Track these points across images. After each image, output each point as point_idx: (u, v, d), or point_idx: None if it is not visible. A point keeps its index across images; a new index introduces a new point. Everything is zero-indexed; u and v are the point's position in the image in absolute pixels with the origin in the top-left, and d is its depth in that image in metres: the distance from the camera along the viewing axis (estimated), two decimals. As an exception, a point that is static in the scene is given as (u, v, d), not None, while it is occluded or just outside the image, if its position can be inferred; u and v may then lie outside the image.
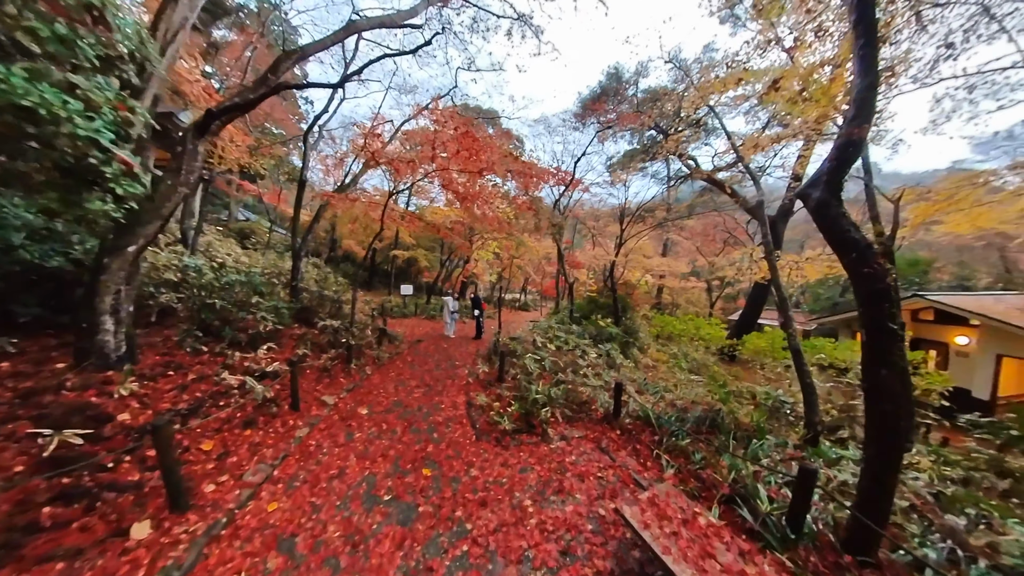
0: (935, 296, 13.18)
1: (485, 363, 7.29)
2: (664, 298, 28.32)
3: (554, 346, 6.89)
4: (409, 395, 5.71)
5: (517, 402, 4.90)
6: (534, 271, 27.61)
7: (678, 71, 15.32)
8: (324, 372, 6.27)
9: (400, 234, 20.44)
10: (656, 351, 12.27)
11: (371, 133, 7.63)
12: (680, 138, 15.91)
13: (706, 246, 26.06)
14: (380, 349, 7.95)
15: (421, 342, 9.87)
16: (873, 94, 2.88)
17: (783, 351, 14.63)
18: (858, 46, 2.94)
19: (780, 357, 13.92)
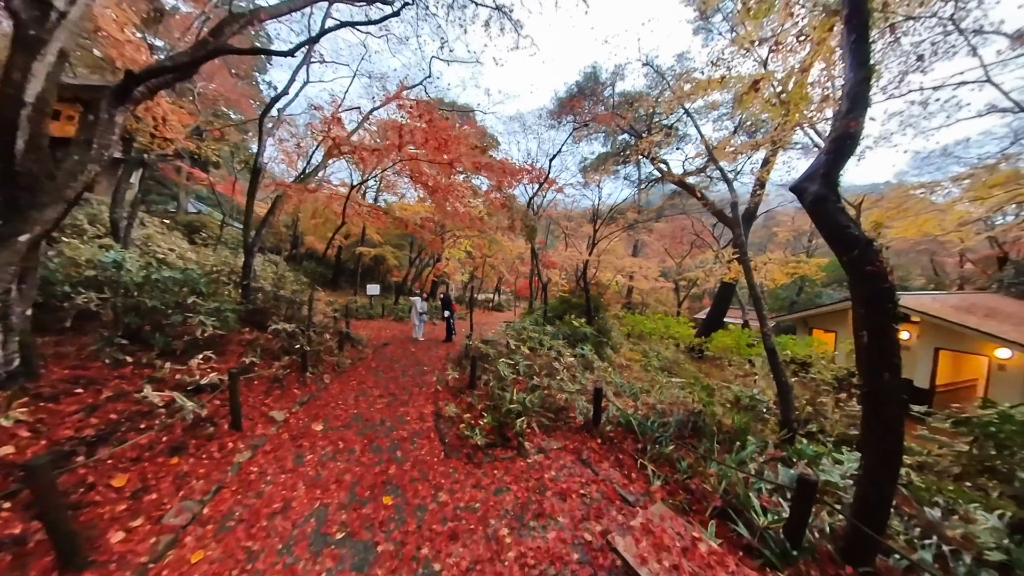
0: None
1: (455, 368, 6.85)
2: (634, 298, 28.87)
3: (528, 348, 6.57)
4: (371, 406, 5.20)
5: (490, 413, 4.53)
6: (507, 271, 27.32)
7: (654, 76, 15.52)
8: (275, 383, 5.62)
9: (367, 231, 19.49)
10: (629, 350, 12.29)
11: (333, 118, 6.99)
12: (653, 141, 16.17)
13: (674, 248, 26.85)
14: (341, 355, 7.32)
15: (387, 346, 9.28)
16: (866, 88, 2.78)
17: (748, 348, 15.16)
18: (850, 41, 2.84)
19: (745, 354, 14.42)
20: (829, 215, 2.66)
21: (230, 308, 6.16)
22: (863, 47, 2.80)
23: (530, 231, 11.25)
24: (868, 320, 2.52)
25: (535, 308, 18.78)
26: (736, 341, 15.92)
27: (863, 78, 2.75)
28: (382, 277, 24.20)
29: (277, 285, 9.89)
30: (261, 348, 6.56)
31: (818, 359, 11.39)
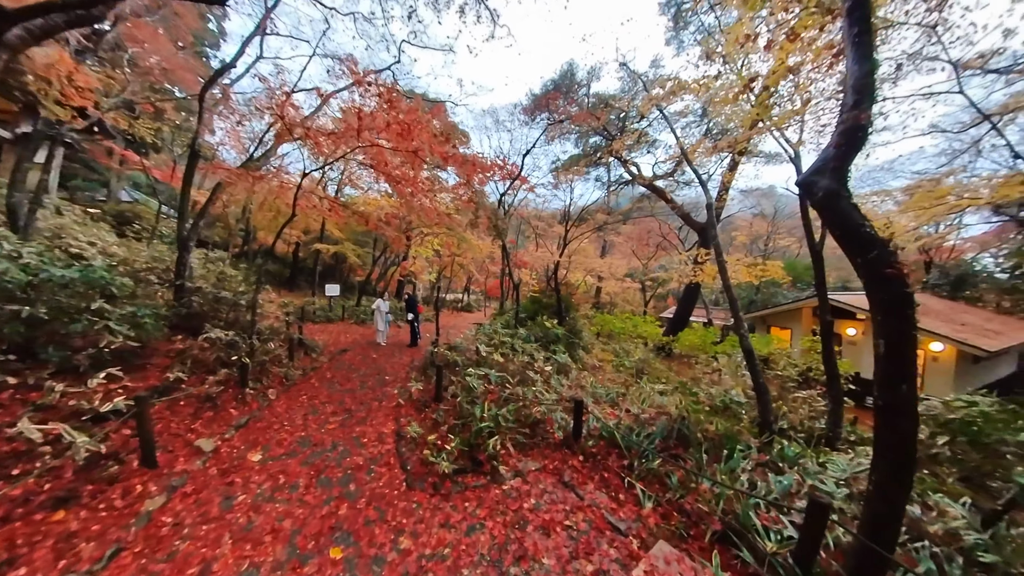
0: (832, 295, 15.35)
1: (420, 377, 6.28)
2: (602, 298, 29.24)
3: (499, 355, 6.12)
4: (322, 427, 4.54)
5: (458, 433, 4.04)
6: (477, 270, 26.73)
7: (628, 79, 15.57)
8: (206, 402, 4.82)
9: (327, 226, 18.21)
10: (601, 351, 12.15)
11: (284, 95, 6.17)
12: (624, 144, 16.25)
13: (640, 249, 27.46)
14: (291, 364, 6.53)
15: (346, 352, 8.50)
16: (872, 80, 2.60)
17: (713, 346, 15.57)
18: (852, 34, 2.69)
19: (711, 352, 14.80)
20: (843, 212, 2.43)
21: (150, 313, 5.24)
22: (867, 39, 2.66)
23: (499, 229, 10.78)
24: (886, 327, 2.31)
25: (506, 309, 18.37)
26: (702, 340, 16.37)
27: (868, 70, 2.59)
28: (344, 276, 22.88)
29: (219, 285, 8.81)
30: (193, 360, 5.68)
31: (781, 356, 11.79)
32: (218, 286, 8.38)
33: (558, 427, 4.47)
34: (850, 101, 2.59)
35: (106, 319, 4.64)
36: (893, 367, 2.30)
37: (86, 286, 4.72)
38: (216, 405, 4.81)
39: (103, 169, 16.56)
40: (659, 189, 17.33)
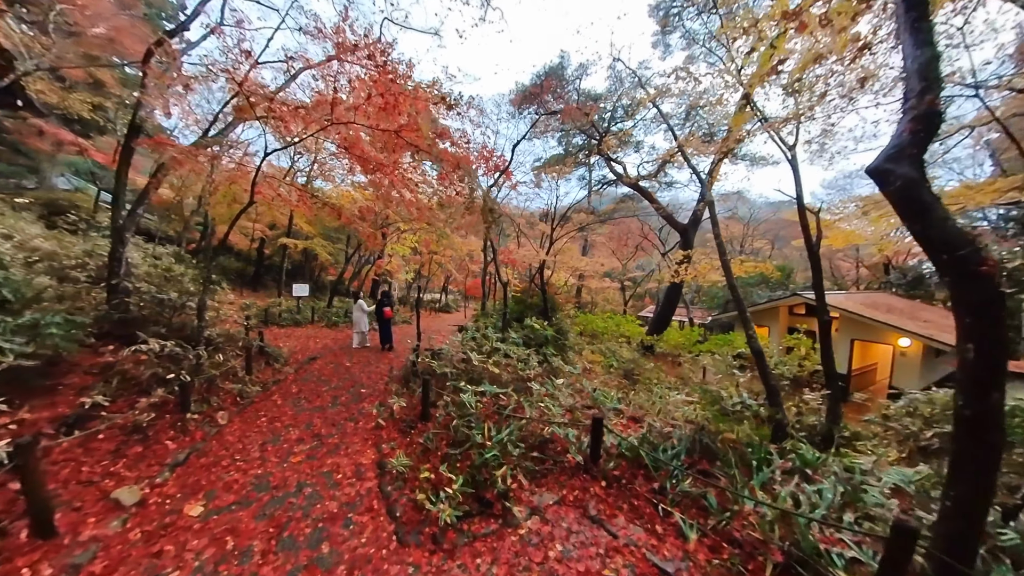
0: (807, 294, 15.88)
1: (402, 390, 5.49)
2: (583, 297, 29.05)
3: (494, 364, 5.43)
4: (285, 460, 3.70)
5: (455, 465, 3.32)
6: (456, 269, 25.81)
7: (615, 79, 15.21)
8: (134, 434, 3.86)
9: (296, 220, 16.81)
10: (590, 352, 11.68)
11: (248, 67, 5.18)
12: (610, 144, 15.91)
13: (620, 250, 27.51)
14: (248, 379, 5.56)
15: (315, 360, 7.54)
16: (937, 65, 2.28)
17: (696, 345, 15.45)
18: (911, 19, 2.43)
19: (695, 350, 14.68)
20: (925, 203, 2.05)
21: (59, 321, 4.20)
22: (925, 25, 2.37)
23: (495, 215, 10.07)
24: (976, 330, 2.03)
25: (488, 310, 17.64)
26: (687, 339, 16.28)
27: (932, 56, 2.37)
28: (314, 275, 21.41)
29: (163, 284, 7.60)
30: (121, 378, 4.66)
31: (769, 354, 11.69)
32: (163, 286, 7.23)
33: (573, 448, 3.83)
34: (916, 87, 2.29)
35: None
36: (984, 373, 2.03)
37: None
38: (147, 437, 3.86)
39: (33, 153, 14.52)
40: (644, 189, 17.15)
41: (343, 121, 5.35)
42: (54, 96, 9.69)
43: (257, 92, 5.56)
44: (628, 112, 15.60)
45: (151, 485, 3.27)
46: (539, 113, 13.06)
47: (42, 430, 3.68)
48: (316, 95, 6.27)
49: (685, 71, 7.60)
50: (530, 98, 12.50)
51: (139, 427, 3.89)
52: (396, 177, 6.28)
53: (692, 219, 16.61)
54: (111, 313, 6.19)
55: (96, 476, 3.33)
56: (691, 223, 16.58)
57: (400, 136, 5.50)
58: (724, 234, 27.27)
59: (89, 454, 3.56)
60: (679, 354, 15.69)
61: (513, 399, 4.86)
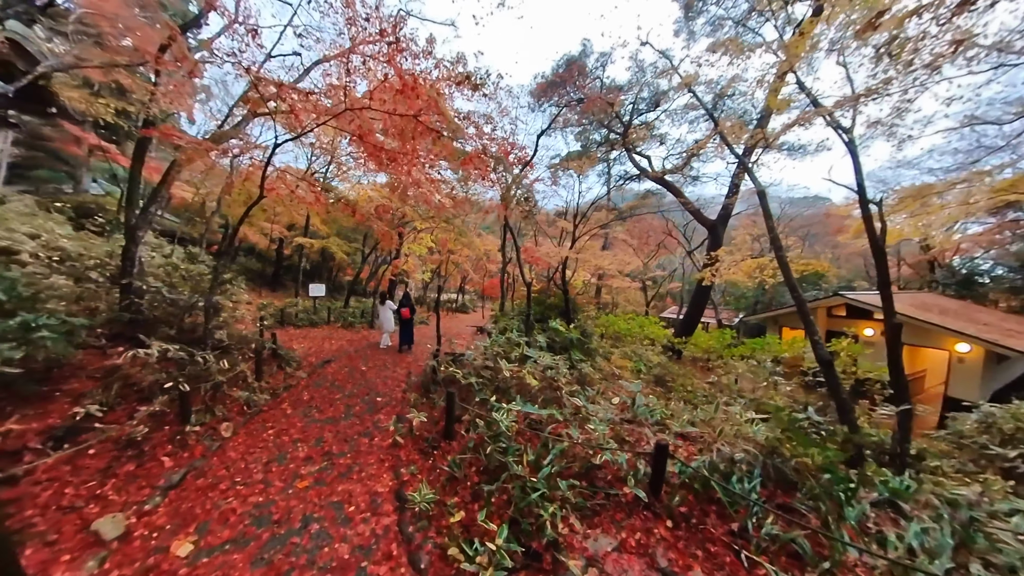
0: (851, 295, 14.72)
1: (422, 400, 4.99)
2: (603, 297, 28.16)
3: (528, 371, 4.86)
4: (290, 485, 3.22)
5: (489, 501, 2.76)
6: (473, 269, 25.40)
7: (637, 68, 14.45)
8: (128, 448, 3.46)
9: (313, 221, 16.73)
10: (619, 357, 10.98)
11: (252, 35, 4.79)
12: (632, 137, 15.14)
13: (641, 248, 26.51)
14: (257, 385, 5.16)
15: (330, 363, 7.15)
16: None
17: (728, 349, 14.46)
18: None
19: (727, 355, 13.72)
20: None
21: (54, 323, 3.85)
22: None
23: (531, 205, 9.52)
24: None
25: (507, 310, 17.11)
26: (718, 341, 15.28)
27: None
28: (331, 276, 21.38)
29: (178, 284, 7.35)
30: (123, 384, 4.30)
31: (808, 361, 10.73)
32: (179, 286, 6.97)
33: (631, 480, 3.21)
34: None
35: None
36: None
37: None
38: (141, 453, 3.46)
39: (71, 159, 15.00)
40: (670, 184, 16.26)
41: (356, 107, 4.90)
42: (82, 103, 9.69)
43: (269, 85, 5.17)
44: (654, 101, 14.77)
45: (138, 513, 2.84)
46: (560, 105, 12.45)
47: (28, 443, 3.33)
48: (328, 85, 5.84)
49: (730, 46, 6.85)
50: (552, 88, 11.89)
51: (133, 441, 3.50)
52: (414, 166, 5.78)
53: (721, 215, 15.63)
54: (122, 314, 5.95)
55: (80, 500, 2.93)
56: (720, 219, 15.61)
57: (419, 121, 5.00)
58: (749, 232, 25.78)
59: (76, 472, 3.17)
60: (708, 358, 14.76)
61: (547, 414, 4.28)
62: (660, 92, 14.65)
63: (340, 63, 4.93)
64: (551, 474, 2.91)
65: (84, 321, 4.38)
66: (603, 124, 14.93)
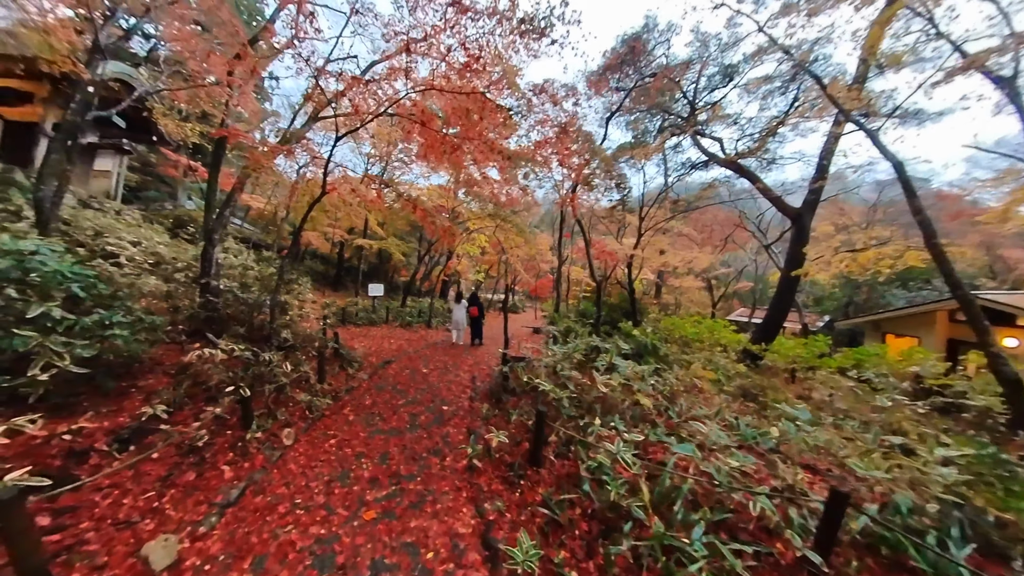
0: (988, 295, 11.90)
1: (492, 411, 4.37)
2: (664, 298, 26.15)
3: (618, 382, 4.05)
4: (355, 515, 2.69)
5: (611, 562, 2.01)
6: (524, 268, 24.85)
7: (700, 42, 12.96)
8: (190, 455, 3.19)
9: (370, 224, 17.19)
10: (701, 367, 9.69)
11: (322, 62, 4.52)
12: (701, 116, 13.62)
13: (706, 243, 24.08)
14: (320, 387, 4.87)
15: (390, 364, 6.83)
16: None
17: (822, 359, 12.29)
18: None
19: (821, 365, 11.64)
20: None
21: (127, 322, 3.73)
22: None
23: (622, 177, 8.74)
24: None
25: (562, 311, 16.27)
26: (808, 350, 13.14)
27: None
28: (388, 277, 21.98)
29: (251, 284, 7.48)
30: (192, 382, 4.16)
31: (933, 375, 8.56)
32: (247, 286, 7.07)
33: (796, 537, 2.30)
34: None
35: (48, 332, 3.13)
36: None
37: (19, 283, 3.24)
38: (202, 460, 3.17)
39: (172, 180, 17.18)
40: (745, 169, 14.36)
41: (420, 88, 4.44)
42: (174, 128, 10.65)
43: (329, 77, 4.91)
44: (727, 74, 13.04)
45: (192, 536, 2.46)
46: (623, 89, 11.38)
47: (96, 444, 3.16)
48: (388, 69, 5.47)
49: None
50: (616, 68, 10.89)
51: (194, 448, 3.22)
52: (480, 152, 5.22)
53: (808, 201, 13.34)
54: (199, 312, 6.07)
55: (136, 513, 2.63)
56: (807, 206, 13.30)
57: (486, 100, 4.42)
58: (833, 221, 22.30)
59: (137, 479, 2.92)
60: (794, 369, 12.69)
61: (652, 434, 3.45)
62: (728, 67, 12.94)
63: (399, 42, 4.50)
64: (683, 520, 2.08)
65: (158, 319, 4.29)
66: (663, 108, 13.56)
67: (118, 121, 9.92)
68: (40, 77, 8.47)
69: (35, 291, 3.42)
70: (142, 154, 15.36)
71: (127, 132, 10.42)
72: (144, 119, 9.65)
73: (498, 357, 8.22)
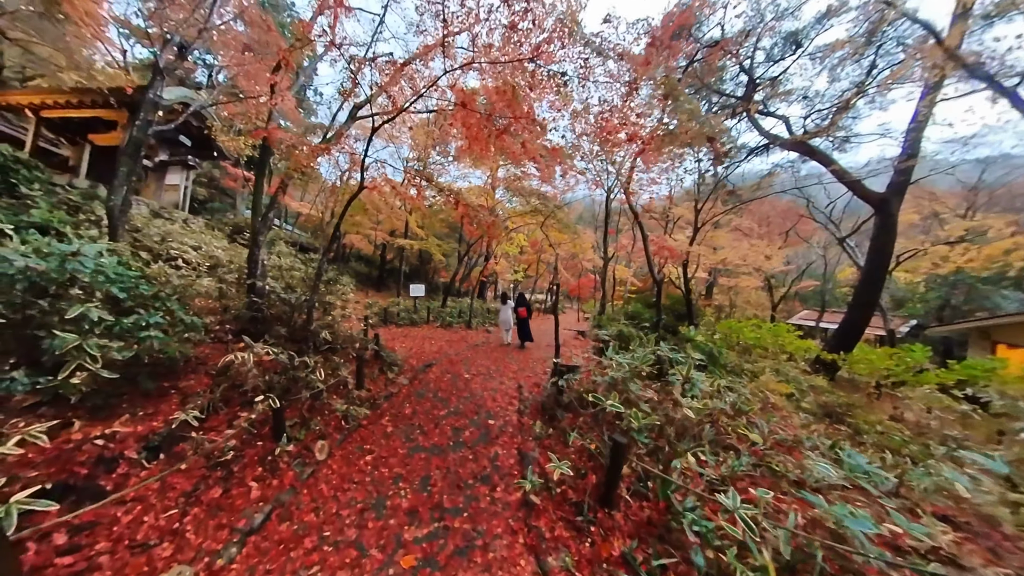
0: None
1: (546, 430, 3.79)
2: (716, 298, 24.16)
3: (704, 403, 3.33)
4: (390, 559, 2.23)
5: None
6: (564, 267, 24.09)
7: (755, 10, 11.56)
8: (217, 468, 2.91)
9: (411, 225, 17.33)
10: (774, 380, 8.51)
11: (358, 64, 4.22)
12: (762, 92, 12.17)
13: (764, 237, 21.81)
14: (358, 394, 4.55)
15: (431, 367, 6.47)
16: None
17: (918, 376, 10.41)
18: None
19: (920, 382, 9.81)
20: None
21: (164, 323, 3.57)
22: None
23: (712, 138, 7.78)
24: None
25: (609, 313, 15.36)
26: (899, 362, 11.20)
27: None
28: (429, 277, 22.17)
29: (290, 284, 7.49)
30: (229, 385, 3.96)
31: None
32: (292, 287, 7.05)
33: None
34: None
35: (85, 333, 2.98)
36: None
37: (59, 283, 3.12)
38: (230, 474, 2.88)
39: (232, 192, 18.53)
40: (817, 151, 12.51)
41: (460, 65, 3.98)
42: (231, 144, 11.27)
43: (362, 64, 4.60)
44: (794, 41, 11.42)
45: (208, 570, 2.12)
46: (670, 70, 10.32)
47: (125, 451, 2.97)
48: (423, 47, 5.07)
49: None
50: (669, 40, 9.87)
51: (222, 462, 2.94)
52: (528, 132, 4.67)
53: (895, 184, 11.13)
54: (244, 312, 6.06)
55: (156, 535, 2.34)
56: (894, 190, 11.07)
57: (535, 67, 3.87)
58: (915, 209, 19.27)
59: (162, 493, 2.66)
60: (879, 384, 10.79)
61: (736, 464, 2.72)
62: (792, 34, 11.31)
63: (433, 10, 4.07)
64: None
65: (197, 320, 4.14)
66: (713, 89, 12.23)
67: (184, 140, 10.88)
68: (120, 106, 9.22)
69: (80, 292, 3.33)
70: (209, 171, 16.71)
71: (192, 149, 11.28)
72: (206, 137, 10.50)
73: (543, 362, 7.67)
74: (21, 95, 9.30)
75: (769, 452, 3.88)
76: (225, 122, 10.82)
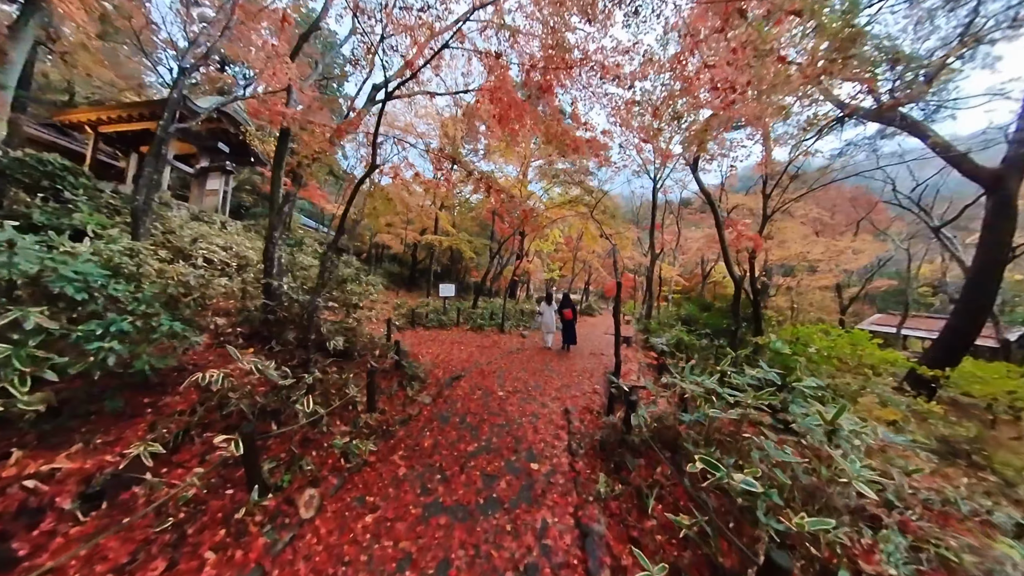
0: None
1: (611, 485, 2.76)
2: (775, 300, 21.63)
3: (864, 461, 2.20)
4: None
5: None
6: (601, 264, 22.70)
7: None
8: (166, 530, 2.13)
9: (440, 223, 16.77)
10: (878, 404, 6.88)
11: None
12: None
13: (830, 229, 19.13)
14: (367, 417, 3.71)
15: (459, 380, 5.59)
16: None
17: None
18: None
19: None
20: None
21: (124, 330, 2.87)
22: None
23: None
24: None
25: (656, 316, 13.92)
26: (1023, 383, 8.81)
27: None
28: (459, 277, 21.58)
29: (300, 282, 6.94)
30: (216, 404, 3.25)
31: None
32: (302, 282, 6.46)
33: None
34: None
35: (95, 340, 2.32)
36: None
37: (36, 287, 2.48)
38: (181, 538, 2.09)
39: (267, 196, 19.03)
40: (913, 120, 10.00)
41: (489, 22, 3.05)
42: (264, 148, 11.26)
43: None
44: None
45: None
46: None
47: (56, 498, 2.26)
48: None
49: None
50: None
51: (177, 523, 2.16)
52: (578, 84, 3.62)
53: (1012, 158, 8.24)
54: (255, 314, 5.49)
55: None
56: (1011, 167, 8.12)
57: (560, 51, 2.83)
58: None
59: (87, 566, 1.91)
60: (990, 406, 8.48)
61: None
62: None
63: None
64: None
65: (178, 325, 3.44)
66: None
67: (223, 147, 11.23)
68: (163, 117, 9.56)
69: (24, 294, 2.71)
70: (249, 178, 17.25)
71: (230, 156, 11.61)
72: (243, 143, 10.74)
73: (589, 374, 6.53)
74: (80, 112, 9.91)
75: (923, 524, 2.67)
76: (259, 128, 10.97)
